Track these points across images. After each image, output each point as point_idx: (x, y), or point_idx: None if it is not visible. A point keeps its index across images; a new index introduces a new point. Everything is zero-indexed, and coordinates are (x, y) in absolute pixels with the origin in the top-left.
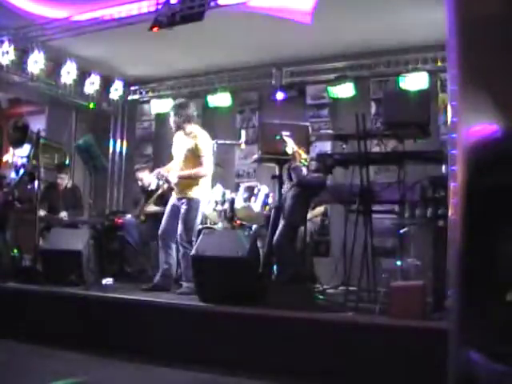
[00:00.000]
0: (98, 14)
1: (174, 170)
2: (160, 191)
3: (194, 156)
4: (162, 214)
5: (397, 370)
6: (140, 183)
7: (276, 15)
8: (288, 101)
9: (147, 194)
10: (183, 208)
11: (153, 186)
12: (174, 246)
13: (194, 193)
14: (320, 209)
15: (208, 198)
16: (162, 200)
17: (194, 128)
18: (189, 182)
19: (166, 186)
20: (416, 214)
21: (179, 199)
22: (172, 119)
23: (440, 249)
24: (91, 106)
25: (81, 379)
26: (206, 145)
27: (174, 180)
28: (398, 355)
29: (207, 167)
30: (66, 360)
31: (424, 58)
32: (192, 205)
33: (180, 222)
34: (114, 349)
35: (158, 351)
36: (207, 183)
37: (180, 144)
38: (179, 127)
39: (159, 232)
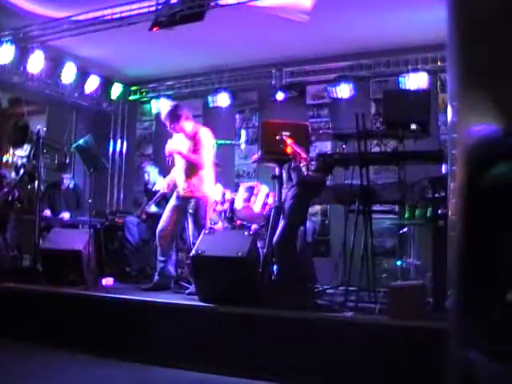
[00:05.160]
0: (98, 13)
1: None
2: (162, 191)
3: (193, 150)
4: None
5: (397, 369)
6: (146, 177)
7: (276, 15)
8: (288, 101)
9: (150, 194)
10: (192, 208)
11: (157, 187)
12: (173, 245)
13: (201, 191)
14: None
15: (215, 195)
16: (165, 200)
17: (194, 126)
18: (196, 180)
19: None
20: (416, 214)
21: (186, 199)
22: (172, 127)
23: (440, 249)
24: None
25: None
26: (206, 139)
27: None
28: (398, 355)
29: (204, 158)
30: (66, 360)
31: (424, 58)
32: (201, 203)
33: (191, 221)
34: (114, 349)
35: (158, 351)
36: (212, 180)
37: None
38: (181, 131)
39: (158, 230)
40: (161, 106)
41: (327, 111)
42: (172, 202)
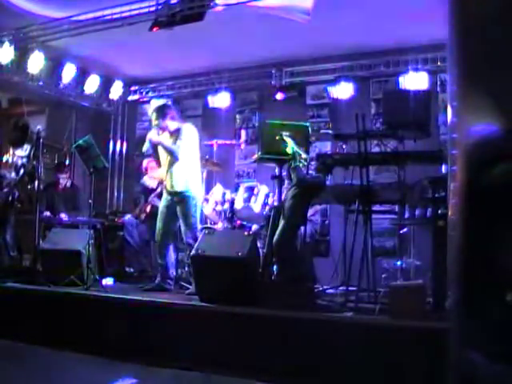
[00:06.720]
0: (98, 14)
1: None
2: (159, 189)
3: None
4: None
5: (397, 369)
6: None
7: (276, 15)
8: (288, 101)
9: (147, 192)
10: (180, 207)
11: (153, 185)
12: (171, 246)
13: (187, 189)
14: (316, 207)
15: (201, 192)
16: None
17: (178, 125)
18: (181, 177)
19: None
20: (416, 214)
21: (172, 194)
22: (156, 122)
23: (440, 249)
24: None
25: None
26: (189, 133)
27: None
28: (398, 355)
29: (184, 151)
30: (65, 360)
31: (424, 58)
32: (188, 202)
33: (182, 222)
34: (114, 349)
35: (157, 351)
36: (198, 178)
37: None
38: (165, 128)
39: (156, 233)
40: (152, 104)
41: (327, 111)
42: (162, 202)
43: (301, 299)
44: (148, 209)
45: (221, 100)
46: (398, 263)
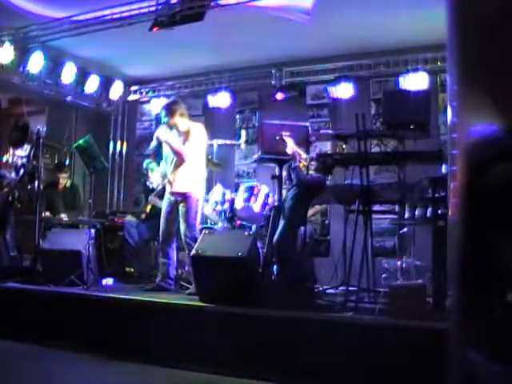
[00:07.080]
0: (98, 14)
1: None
2: (160, 188)
3: (183, 144)
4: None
5: (397, 369)
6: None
7: (276, 15)
8: (288, 101)
9: (148, 191)
10: (182, 207)
11: (155, 185)
12: (173, 246)
13: (191, 190)
14: (317, 207)
15: (203, 194)
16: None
17: (189, 124)
18: (185, 178)
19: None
20: (416, 214)
21: (176, 196)
22: (166, 119)
23: (440, 249)
24: None
25: None
26: (197, 134)
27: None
28: (398, 355)
29: (190, 151)
30: (65, 360)
31: (424, 58)
32: (191, 203)
33: (182, 221)
34: (114, 349)
35: (157, 351)
36: (201, 180)
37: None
38: (173, 125)
39: (159, 233)
40: (152, 104)
41: (327, 111)
42: (165, 202)
43: (301, 299)
44: (148, 208)
45: (221, 100)
46: (398, 263)
